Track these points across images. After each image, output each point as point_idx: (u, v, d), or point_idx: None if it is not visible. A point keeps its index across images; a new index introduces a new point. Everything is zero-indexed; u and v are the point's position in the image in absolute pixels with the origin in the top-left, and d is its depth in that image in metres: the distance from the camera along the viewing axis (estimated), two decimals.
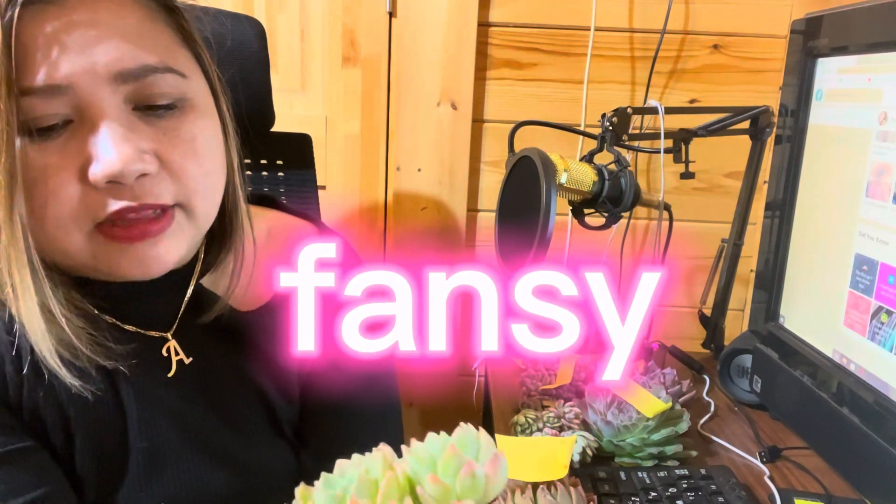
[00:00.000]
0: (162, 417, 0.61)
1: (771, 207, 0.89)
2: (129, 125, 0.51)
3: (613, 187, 0.94)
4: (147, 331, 0.61)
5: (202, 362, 0.63)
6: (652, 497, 0.75)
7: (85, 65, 0.49)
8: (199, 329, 0.63)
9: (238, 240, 0.63)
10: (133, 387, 0.59)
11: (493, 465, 0.42)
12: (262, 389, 0.66)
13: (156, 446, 0.60)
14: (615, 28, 1.23)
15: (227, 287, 0.63)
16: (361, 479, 0.41)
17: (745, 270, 1.28)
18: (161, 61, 0.52)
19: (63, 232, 0.51)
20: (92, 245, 0.53)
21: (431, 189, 1.28)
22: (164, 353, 0.61)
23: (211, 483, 0.62)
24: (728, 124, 1.03)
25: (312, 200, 1.02)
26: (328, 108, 1.28)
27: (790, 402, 0.84)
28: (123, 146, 0.50)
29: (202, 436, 0.62)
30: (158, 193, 0.53)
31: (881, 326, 0.69)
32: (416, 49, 1.22)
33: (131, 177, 0.50)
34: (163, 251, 0.54)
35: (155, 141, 0.52)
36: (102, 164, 0.49)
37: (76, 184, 0.50)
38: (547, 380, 0.96)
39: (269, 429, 0.66)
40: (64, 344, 0.53)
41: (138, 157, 0.50)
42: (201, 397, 0.63)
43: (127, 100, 0.51)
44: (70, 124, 0.50)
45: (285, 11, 1.24)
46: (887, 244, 0.69)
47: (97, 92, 0.50)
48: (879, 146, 0.70)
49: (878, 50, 0.71)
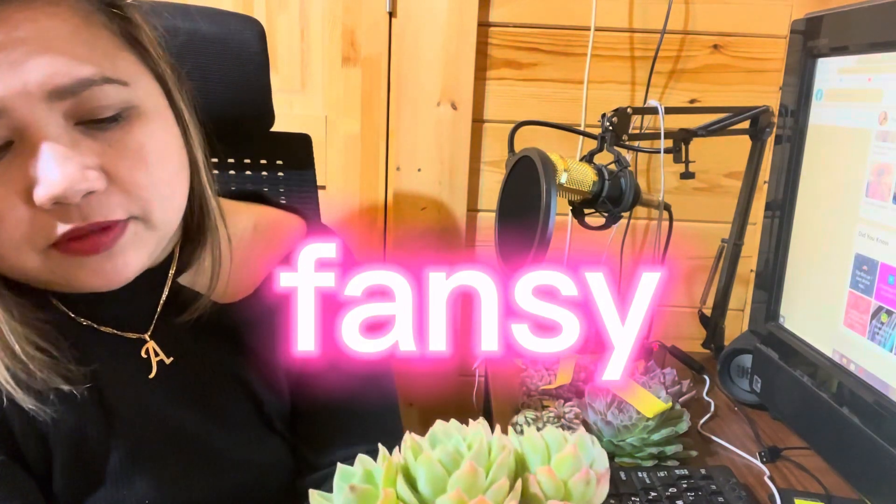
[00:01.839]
0: (144, 419, 0.59)
1: (771, 207, 0.89)
2: (70, 143, 0.49)
3: (613, 187, 0.94)
4: (124, 332, 0.60)
5: (185, 360, 0.62)
6: (652, 497, 0.75)
7: (16, 85, 0.46)
8: (178, 327, 0.61)
9: (212, 237, 0.62)
10: (114, 390, 0.58)
11: (603, 478, 0.41)
12: (248, 383, 0.65)
13: (137, 447, 0.59)
14: (615, 28, 1.23)
15: (207, 285, 0.62)
16: (480, 444, 0.40)
17: (745, 270, 1.28)
18: (98, 72, 0.49)
19: (17, 253, 0.50)
20: (48, 262, 0.51)
21: (431, 189, 1.27)
22: (144, 355, 0.60)
23: (194, 484, 0.61)
24: (728, 124, 1.03)
25: (312, 200, 1.02)
26: (328, 108, 1.28)
27: (790, 402, 0.84)
28: (66, 166, 0.47)
29: (187, 436, 0.61)
30: (109, 210, 0.51)
31: (881, 326, 0.69)
32: (416, 49, 1.22)
33: (76, 196, 0.48)
34: (120, 263, 0.53)
35: (100, 155, 0.50)
36: (46, 186, 0.47)
37: (23, 207, 0.48)
38: (547, 380, 0.96)
39: (259, 424, 0.66)
40: (19, 366, 0.52)
41: (82, 175, 0.48)
42: (186, 396, 0.62)
43: (67, 115, 0.49)
44: (11, 146, 0.48)
45: (285, 11, 1.24)
46: (887, 244, 0.69)
47: (33, 112, 0.47)
48: (879, 146, 0.70)
49: (878, 50, 0.71)
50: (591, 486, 0.40)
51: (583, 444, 0.42)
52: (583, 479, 0.40)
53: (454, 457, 0.39)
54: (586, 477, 0.40)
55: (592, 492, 0.40)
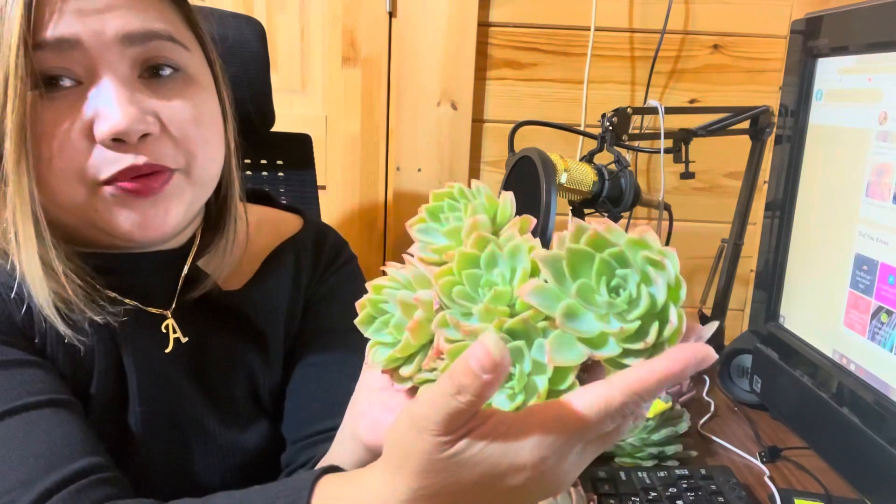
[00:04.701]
0: (156, 389, 0.62)
1: (771, 207, 0.89)
2: (133, 89, 0.54)
3: (613, 187, 0.95)
4: (147, 307, 0.62)
5: (197, 342, 0.65)
6: (652, 497, 0.75)
7: (95, 26, 0.51)
8: (195, 309, 0.65)
9: (231, 221, 0.66)
10: (133, 356, 0.61)
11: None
12: (250, 367, 0.68)
13: (151, 412, 0.61)
14: (615, 28, 1.23)
15: (217, 266, 0.66)
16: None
17: (745, 270, 1.28)
18: (167, 30, 0.55)
19: (66, 185, 0.53)
20: (94, 200, 0.54)
21: (431, 189, 1.27)
22: (163, 330, 0.63)
23: (187, 463, 0.63)
24: (728, 124, 1.03)
25: (312, 200, 1.02)
26: (328, 108, 1.28)
27: (790, 402, 0.84)
28: (128, 107, 0.52)
29: (186, 415, 0.63)
30: (161, 154, 0.55)
31: (881, 326, 0.69)
32: (416, 49, 1.22)
33: (135, 136, 0.53)
34: (162, 210, 0.56)
35: (157, 104, 0.55)
36: (108, 122, 0.52)
37: (82, 140, 0.53)
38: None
39: (251, 406, 0.68)
40: (59, 296, 0.55)
41: (142, 117, 0.53)
42: (193, 376, 0.64)
43: (133, 64, 0.54)
44: (79, 86, 0.53)
45: (285, 11, 1.24)
46: (887, 244, 0.69)
47: (105, 53, 0.52)
48: (879, 146, 0.70)
49: (877, 50, 0.71)
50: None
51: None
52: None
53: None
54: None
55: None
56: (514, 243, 0.38)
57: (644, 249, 0.34)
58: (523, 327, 0.36)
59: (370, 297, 0.43)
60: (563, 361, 0.35)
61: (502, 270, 0.38)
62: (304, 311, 0.72)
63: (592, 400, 0.34)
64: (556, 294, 0.35)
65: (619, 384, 0.33)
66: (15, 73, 0.49)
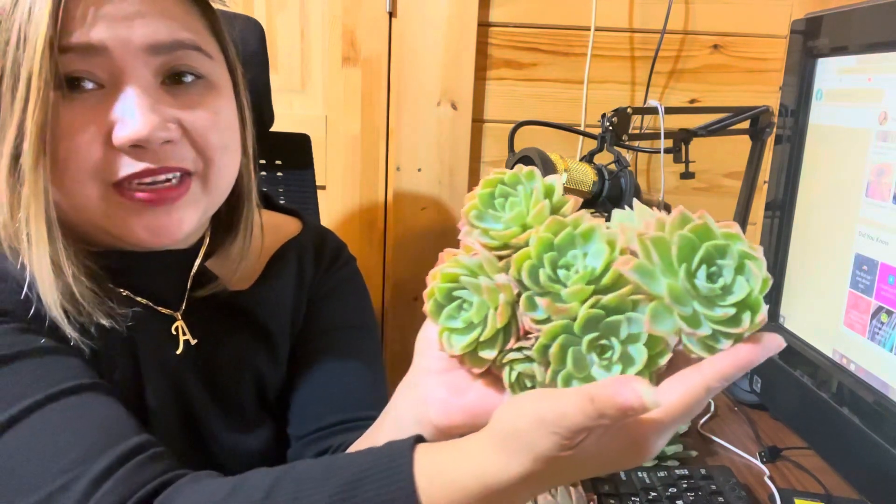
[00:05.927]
0: (166, 388, 0.62)
1: (771, 207, 0.89)
2: (156, 96, 0.54)
3: (613, 187, 0.95)
4: (158, 307, 0.63)
5: (206, 344, 0.65)
6: (652, 497, 0.75)
7: (123, 34, 0.52)
8: (204, 311, 0.65)
9: (247, 225, 0.67)
10: (146, 354, 0.61)
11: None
12: (258, 368, 0.68)
13: (163, 414, 0.61)
14: (615, 28, 1.23)
15: (228, 269, 0.66)
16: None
17: None
18: (192, 40, 0.56)
19: (80, 186, 0.53)
20: (106, 204, 0.55)
21: (431, 189, 1.27)
22: (173, 332, 0.63)
23: (194, 462, 0.63)
24: (728, 124, 1.03)
25: (312, 200, 1.02)
26: (328, 108, 1.28)
27: (790, 402, 0.84)
28: (150, 115, 0.53)
29: (193, 416, 0.64)
30: (181, 157, 0.56)
31: (881, 326, 0.69)
32: (416, 49, 1.22)
33: (156, 143, 0.53)
34: (176, 219, 0.56)
35: (179, 110, 0.55)
36: (129, 129, 0.52)
37: (99, 143, 0.53)
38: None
39: (257, 409, 0.68)
40: (68, 298, 0.54)
41: (163, 125, 0.53)
42: (201, 378, 0.64)
43: (157, 72, 0.55)
44: (101, 89, 0.53)
45: (285, 11, 1.24)
46: (887, 244, 0.69)
47: (130, 60, 0.53)
48: (879, 146, 0.70)
49: (878, 50, 0.71)
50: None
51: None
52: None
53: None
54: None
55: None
56: (587, 225, 0.41)
57: (737, 242, 0.38)
58: (618, 302, 0.39)
59: (437, 286, 0.44)
60: (659, 331, 0.38)
61: (584, 251, 0.41)
62: (307, 310, 0.72)
63: (689, 388, 0.37)
64: (653, 272, 0.39)
65: (710, 370, 0.36)
66: (39, 74, 0.49)
